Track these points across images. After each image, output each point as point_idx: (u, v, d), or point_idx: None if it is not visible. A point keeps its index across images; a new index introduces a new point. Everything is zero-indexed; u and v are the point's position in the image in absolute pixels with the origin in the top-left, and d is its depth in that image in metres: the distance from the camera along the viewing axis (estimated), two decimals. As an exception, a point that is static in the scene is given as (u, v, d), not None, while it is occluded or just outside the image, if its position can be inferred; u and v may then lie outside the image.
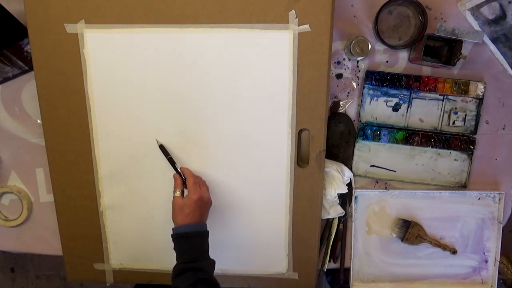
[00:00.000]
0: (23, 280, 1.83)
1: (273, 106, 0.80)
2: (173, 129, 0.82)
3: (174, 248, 0.74)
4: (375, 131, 0.88)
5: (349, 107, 0.89)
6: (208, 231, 0.76)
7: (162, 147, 0.82)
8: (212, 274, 0.74)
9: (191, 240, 0.73)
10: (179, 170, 0.80)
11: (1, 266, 1.83)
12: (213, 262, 0.75)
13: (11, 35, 0.80)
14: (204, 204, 0.75)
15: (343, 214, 0.89)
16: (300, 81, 0.78)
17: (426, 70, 0.88)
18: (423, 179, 0.90)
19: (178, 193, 0.77)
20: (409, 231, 0.89)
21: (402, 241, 0.90)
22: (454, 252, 0.91)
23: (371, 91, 0.87)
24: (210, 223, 0.77)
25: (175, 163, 0.81)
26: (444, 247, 0.91)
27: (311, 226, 0.86)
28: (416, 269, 0.92)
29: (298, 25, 0.75)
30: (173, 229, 0.75)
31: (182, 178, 0.79)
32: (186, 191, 0.78)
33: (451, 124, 0.87)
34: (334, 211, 0.88)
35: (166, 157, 0.81)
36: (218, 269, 0.79)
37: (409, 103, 0.87)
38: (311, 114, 0.79)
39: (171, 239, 0.74)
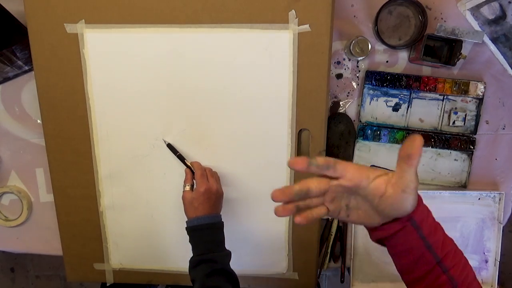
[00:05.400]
0: (23, 280, 1.83)
1: (273, 106, 0.80)
2: (173, 129, 0.82)
3: (189, 241, 0.74)
4: (375, 131, 0.88)
5: (349, 107, 0.89)
6: (222, 222, 0.76)
7: (170, 146, 0.82)
8: (228, 265, 0.74)
9: (204, 233, 0.73)
10: (189, 165, 0.80)
11: (1, 266, 1.83)
12: (228, 253, 0.75)
13: (11, 35, 0.80)
14: (213, 195, 0.75)
15: None
16: (300, 81, 0.78)
17: (426, 70, 0.88)
18: (423, 179, 0.90)
19: (187, 188, 0.77)
20: None
21: None
22: None
23: (371, 91, 0.87)
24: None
25: (184, 158, 0.81)
26: None
27: (311, 226, 0.86)
28: (416, 269, 0.92)
29: (298, 25, 0.75)
30: (186, 222, 0.75)
31: (193, 173, 0.79)
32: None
33: (451, 124, 0.87)
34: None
35: (176, 155, 0.81)
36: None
37: (409, 103, 0.87)
38: (311, 114, 0.79)
39: (186, 232, 0.75)
